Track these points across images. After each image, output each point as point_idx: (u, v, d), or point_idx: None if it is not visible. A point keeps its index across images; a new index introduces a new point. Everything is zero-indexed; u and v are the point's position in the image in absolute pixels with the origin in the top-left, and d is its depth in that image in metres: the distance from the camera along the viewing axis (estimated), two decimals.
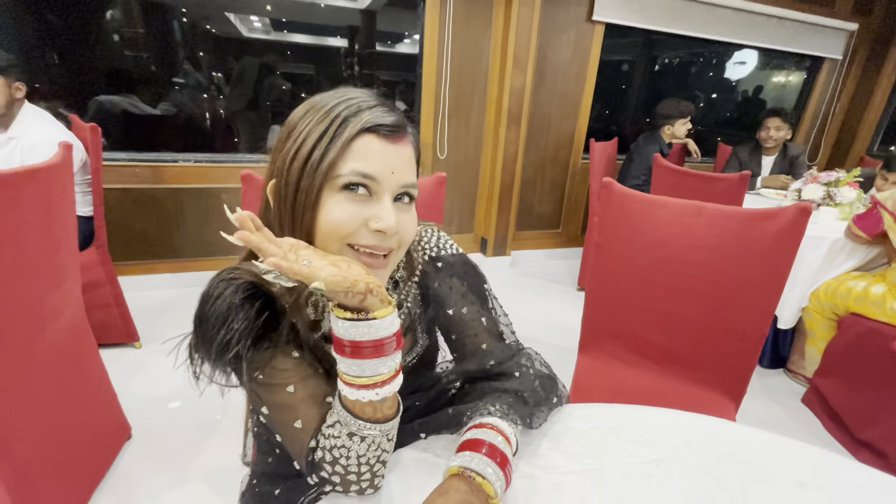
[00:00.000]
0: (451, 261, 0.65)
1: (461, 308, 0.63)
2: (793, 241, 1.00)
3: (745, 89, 4.06)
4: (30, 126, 1.57)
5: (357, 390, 0.46)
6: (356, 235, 0.48)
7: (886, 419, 1.54)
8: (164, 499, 1.28)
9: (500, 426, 0.52)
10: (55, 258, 1.11)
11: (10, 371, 0.99)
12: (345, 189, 0.48)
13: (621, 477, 0.56)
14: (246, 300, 0.49)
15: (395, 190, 0.49)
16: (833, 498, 0.55)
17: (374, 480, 0.49)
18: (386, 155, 0.48)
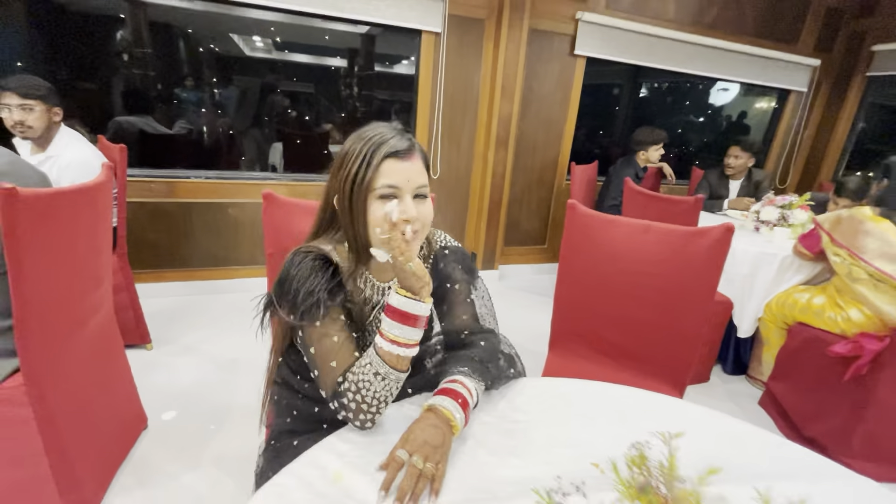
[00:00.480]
0: (455, 250, 0.90)
1: (455, 285, 0.84)
2: (720, 254, 1.20)
3: (722, 116, 4.36)
4: (66, 146, 1.76)
5: (392, 345, 0.66)
6: (398, 226, 0.70)
7: (827, 416, 1.73)
8: (180, 480, 1.43)
9: (465, 381, 0.71)
10: (97, 262, 1.29)
11: (58, 356, 1.16)
12: (381, 197, 0.70)
13: (559, 424, 0.74)
14: (321, 266, 0.71)
15: (413, 191, 0.72)
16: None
17: (375, 417, 0.67)
18: (403, 170, 0.71)
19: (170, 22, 2.57)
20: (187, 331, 2.29)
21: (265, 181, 2.75)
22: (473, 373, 0.73)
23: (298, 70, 3.17)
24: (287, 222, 1.15)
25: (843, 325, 1.75)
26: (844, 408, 1.66)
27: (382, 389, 0.66)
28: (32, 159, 1.72)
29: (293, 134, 3.26)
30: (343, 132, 3.41)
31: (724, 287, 2.22)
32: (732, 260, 2.19)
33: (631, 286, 1.30)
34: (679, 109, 4.26)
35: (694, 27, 3.38)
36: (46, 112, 1.71)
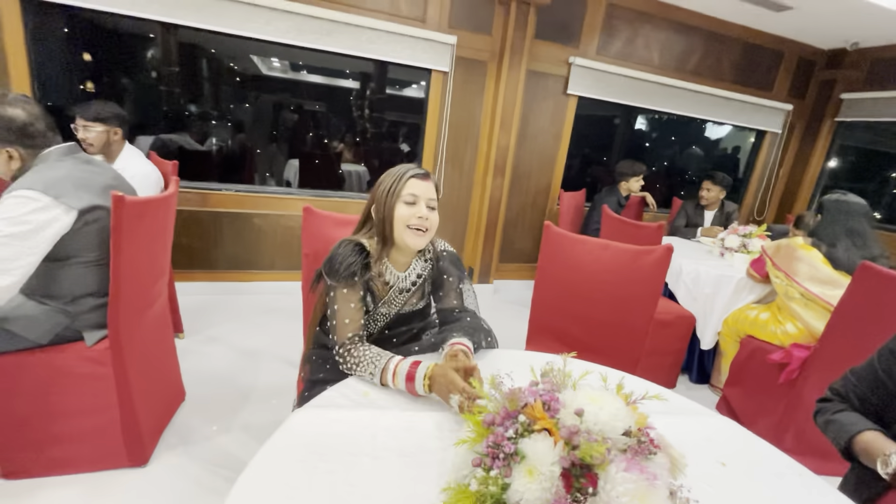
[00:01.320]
0: (451, 253, 1.22)
1: (449, 277, 1.16)
2: (662, 268, 1.51)
3: (704, 151, 4.73)
4: (129, 161, 2.10)
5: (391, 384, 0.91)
6: (412, 220, 1.03)
7: (765, 416, 2.01)
8: (215, 441, 1.71)
9: (463, 341, 1.02)
10: (165, 257, 1.61)
11: (134, 329, 1.46)
12: (405, 203, 1.03)
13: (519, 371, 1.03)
14: (358, 251, 1.04)
15: (427, 202, 1.05)
16: None
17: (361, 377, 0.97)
18: (422, 186, 1.06)
19: (196, 43, 2.94)
20: (213, 324, 2.59)
21: (286, 195, 3.08)
22: (466, 335, 1.05)
23: (315, 92, 3.55)
24: (320, 230, 1.47)
25: (781, 336, 2.04)
26: (780, 408, 1.94)
27: (367, 377, 0.95)
28: None
29: (309, 152, 3.62)
30: (354, 153, 3.78)
31: (689, 304, 2.53)
32: (698, 280, 2.51)
33: (592, 291, 1.61)
34: (665, 143, 4.64)
35: (677, 73, 3.77)
36: (105, 133, 2.03)
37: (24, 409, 1.37)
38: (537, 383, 0.65)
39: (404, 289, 1.12)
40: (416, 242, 1.06)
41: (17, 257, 1.17)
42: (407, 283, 1.12)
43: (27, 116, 1.29)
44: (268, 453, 0.69)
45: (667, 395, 1.03)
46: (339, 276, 1.00)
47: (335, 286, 1.01)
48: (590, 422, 0.54)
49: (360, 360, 0.94)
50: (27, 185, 1.20)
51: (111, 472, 1.50)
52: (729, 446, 0.86)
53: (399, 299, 1.12)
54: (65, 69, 2.69)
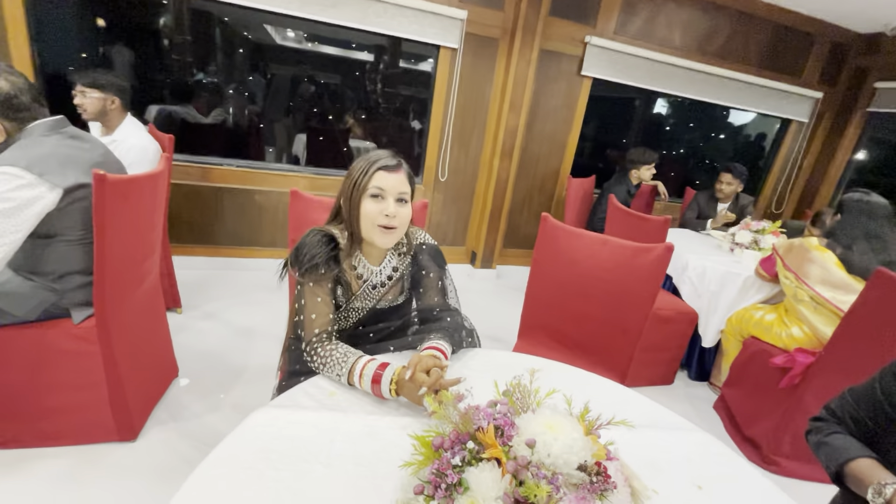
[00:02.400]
0: (431, 247, 1.15)
1: (429, 273, 1.11)
2: (661, 267, 1.44)
3: (723, 140, 4.53)
4: (129, 132, 2.07)
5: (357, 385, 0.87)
6: (378, 219, 0.97)
7: (763, 419, 1.96)
8: (204, 419, 1.73)
9: (439, 344, 0.97)
10: (153, 235, 1.60)
11: (121, 307, 1.46)
12: (371, 196, 0.97)
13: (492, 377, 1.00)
14: (326, 241, 0.99)
15: (395, 195, 0.99)
16: None
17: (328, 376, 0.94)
18: (389, 179, 0.98)
19: (206, 10, 2.85)
20: (211, 300, 2.61)
21: (289, 173, 3.05)
22: (444, 337, 1.00)
23: (326, 64, 3.44)
24: (308, 214, 1.43)
25: (785, 340, 1.97)
26: (778, 413, 1.89)
27: (333, 377, 0.91)
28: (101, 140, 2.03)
29: (317, 128, 3.56)
30: (363, 129, 3.70)
31: (693, 300, 2.46)
32: (703, 276, 2.42)
33: (588, 288, 1.56)
34: (683, 128, 4.45)
35: (699, 55, 3.58)
36: (101, 100, 1.99)
37: (13, 382, 1.39)
38: (496, 403, 0.61)
39: (379, 283, 1.08)
40: (384, 241, 1.00)
41: (1, 234, 1.16)
42: (382, 276, 1.08)
43: (11, 88, 1.25)
44: (218, 457, 0.67)
45: (647, 406, 0.99)
46: (304, 268, 0.96)
47: (301, 279, 0.98)
48: (542, 453, 0.50)
49: (326, 359, 0.91)
50: (10, 161, 1.18)
51: (100, 446, 1.53)
52: (708, 467, 0.82)
53: (373, 294, 1.08)
54: (66, 35, 2.64)
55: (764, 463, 1.90)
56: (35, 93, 1.30)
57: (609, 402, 0.97)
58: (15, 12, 2.31)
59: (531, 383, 0.67)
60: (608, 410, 0.75)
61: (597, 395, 0.98)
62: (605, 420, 0.60)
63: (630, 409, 0.96)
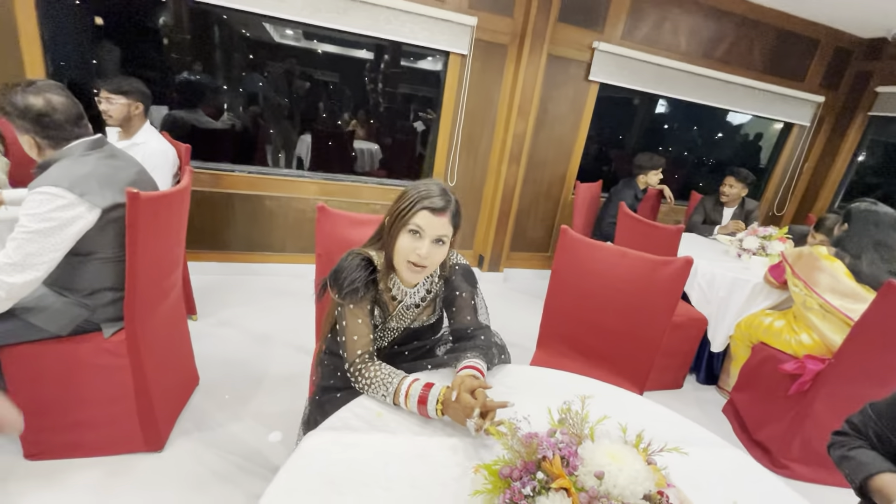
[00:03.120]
0: (463, 267, 1.18)
1: (462, 293, 1.13)
2: (680, 281, 1.48)
3: (727, 143, 4.58)
4: (149, 137, 2.08)
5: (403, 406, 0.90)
6: (409, 255, 0.98)
7: (772, 424, 2.00)
8: (227, 427, 1.76)
9: (478, 363, 1.00)
10: (179, 249, 1.62)
11: (149, 321, 1.48)
12: (409, 231, 0.98)
13: (533, 394, 1.03)
14: (365, 265, 1.01)
15: (433, 237, 0.99)
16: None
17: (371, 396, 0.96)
18: (432, 221, 0.98)
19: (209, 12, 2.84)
20: (226, 306, 2.63)
21: (298, 178, 3.06)
22: (479, 356, 1.04)
23: (329, 63, 3.43)
24: (334, 230, 1.45)
25: (794, 346, 2.01)
26: (788, 418, 1.94)
27: (379, 398, 0.93)
28: (120, 144, 2.04)
29: (322, 129, 3.56)
30: (367, 130, 3.72)
31: (702, 306, 2.50)
32: (713, 282, 2.47)
33: (607, 300, 1.59)
34: (684, 130, 4.49)
35: (704, 60, 3.61)
36: (126, 106, 2.02)
37: (45, 395, 1.41)
38: (555, 432, 0.64)
39: (413, 304, 1.11)
40: (410, 277, 1.02)
41: (41, 253, 1.19)
42: (416, 298, 1.11)
43: (44, 106, 1.26)
44: (282, 481, 0.70)
45: (676, 421, 1.03)
46: (343, 293, 0.98)
47: (341, 301, 1.00)
48: (609, 484, 0.53)
49: (371, 380, 0.94)
50: (52, 181, 1.20)
51: (129, 456, 1.55)
52: (743, 484, 0.86)
53: (408, 315, 1.11)
54: (78, 44, 2.64)
55: (774, 466, 1.95)
56: (72, 113, 1.31)
57: (642, 420, 1.00)
58: (28, 23, 2.31)
59: (583, 409, 0.70)
60: (643, 429, 0.78)
61: (628, 413, 1.01)
62: (658, 447, 0.63)
63: (660, 425, 1.00)
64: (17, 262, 1.16)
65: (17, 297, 1.22)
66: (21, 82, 1.28)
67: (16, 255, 1.16)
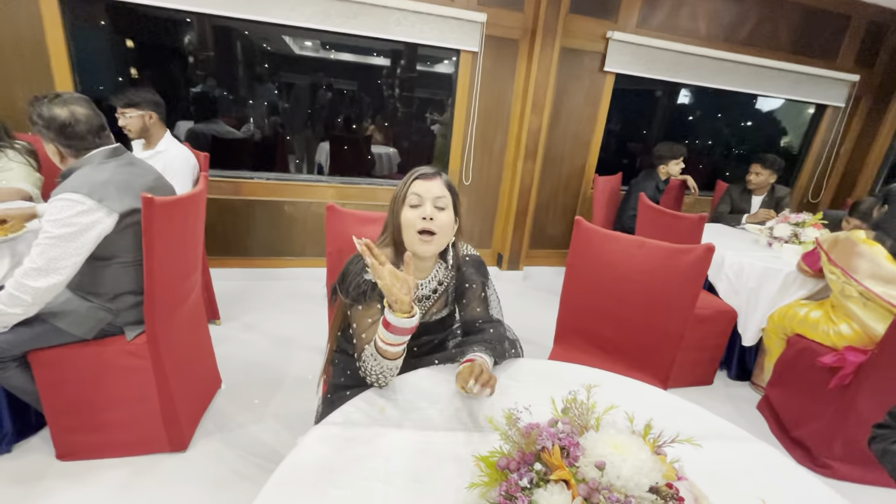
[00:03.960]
0: (474, 258, 1.17)
1: (472, 285, 1.11)
2: (701, 269, 1.41)
3: (754, 129, 4.38)
4: (170, 145, 2.15)
5: (381, 343, 0.88)
6: (417, 224, 0.99)
7: (811, 421, 1.89)
8: (249, 429, 1.78)
9: (482, 356, 0.98)
10: (196, 252, 1.65)
11: (169, 323, 1.52)
12: (410, 206, 1.00)
13: (540, 388, 1.00)
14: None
15: (433, 201, 1.00)
16: None
17: (380, 383, 0.94)
18: (425, 186, 1.01)
19: (229, 26, 2.93)
20: (249, 310, 2.68)
21: (317, 183, 3.10)
22: (486, 351, 1.01)
23: (346, 71, 3.48)
24: (344, 229, 1.46)
25: (833, 338, 1.89)
26: (828, 414, 1.82)
27: (378, 369, 0.91)
28: (143, 154, 2.12)
29: (340, 135, 3.61)
30: (385, 134, 3.74)
31: (731, 298, 2.39)
32: (741, 273, 2.35)
33: (625, 292, 1.53)
34: (708, 119, 4.33)
35: (727, 44, 3.48)
36: (140, 118, 2.06)
37: (74, 397, 1.46)
38: (556, 422, 0.61)
39: (424, 296, 1.09)
40: (424, 249, 1.01)
41: (63, 257, 1.24)
42: (427, 290, 1.09)
43: (68, 117, 1.32)
44: (282, 474, 0.69)
45: (699, 415, 0.97)
46: (351, 296, 0.99)
47: (350, 303, 1.00)
48: (611, 476, 0.50)
49: (365, 364, 0.94)
50: (73, 188, 1.25)
51: (154, 457, 1.59)
52: (769, 478, 0.80)
53: (420, 308, 1.09)
54: (104, 61, 2.76)
55: (815, 466, 1.84)
56: (95, 125, 1.37)
57: (659, 412, 0.95)
58: (57, 43, 2.43)
59: (588, 398, 0.66)
60: (659, 422, 0.74)
61: (645, 406, 0.97)
62: (668, 437, 0.60)
63: (682, 419, 0.95)
64: (41, 266, 1.21)
65: (42, 302, 1.27)
66: (48, 94, 1.34)
67: (40, 259, 1.21)
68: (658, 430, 0.62)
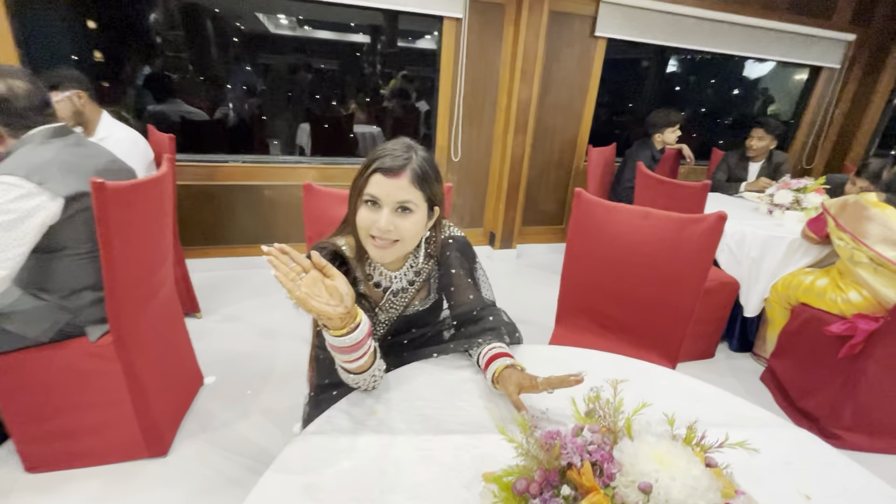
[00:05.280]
0: (457, 239, 1.01)
1: (459, 270, 0.98)
2: (713, 239, 1.31)
3: (748, 94, 4.27)
4: (113, 127, 1.93)
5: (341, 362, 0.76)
6: (370, 230, 0.82)
7: (819, 391, 1.84)
8: (234, 427, 1.67)
9: (502, 349, 0.88)
10: (164, 242, 1.51)
11: (137, 321, 1.38)
12: (365, 203, 0.82)
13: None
14: (330, 259, 0.86)
15: (393, 205, 0.81)
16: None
17: (364, 387, 0.82)
18: (386, 185, 0.80)
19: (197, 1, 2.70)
20: (231, 301, 2.54)
21: (297, 164, 2.93)
22: (496, 338, 0.91)
23: (324, 49, 3.28)
24: (323, 210, 1.33)
25: (842, 306, 1.83)
26: (837, 383, 1.77)
27: (352, 382, 0.79)
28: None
29: (320, 115, 3.42)
30: (367, 113, 3.55)
31: (733, 268, 2.31)
32: (742, 242, 2.27)
33: (630, 266, 1.43)
34: (703, 86, 4.20)
35: (722, 4, 3.32)
36: (67, 100, 1.78)
37: (34, 405, 1.33)
38: (581, 429, 0.50)
39: (400, 290, 0.96)
40: (379, 255, 0.84)
41: (4, 249, 1.09)
42: (403, 282, 0.96)
43: (5, 91, 1.17)
44: (259, 497, 0.58)
45: (726, 400, 0.88)
46: None
47: None
48: (659, 499, 0.40)
49: (342, 373, 0.81)
50: (8, 170, 1.10)
51: (132, 464, 1.48)
52: (811, 471, 0.71)
53: (398, 302, 0.96)
54: (54, 39, 2.52)
55: (823, 436, 1.77)
56: (37, 100, 1.21)
57: (676, 398, 0.86)
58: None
59: (615, 396, 0.56)
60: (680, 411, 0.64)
61: (660, 391, 0.87)
62: (716, 440, 0.50)
63: (706, 406, 0.86)
64: None
65: None
66: None
67: None
68: (702, 432, 0.51)
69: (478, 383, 0.88)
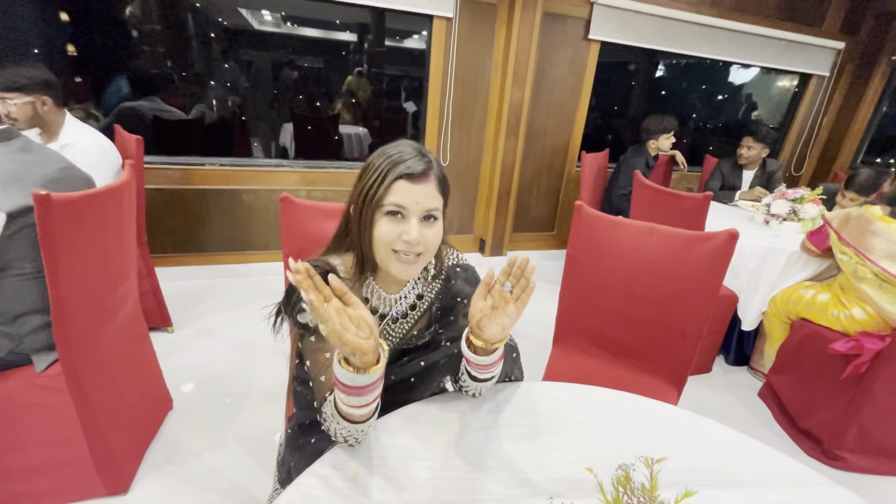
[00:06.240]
0: (466, 268, 0.92)
1: (464, 299, 0.87)
2: (723, 259, 1.23)
3: (740, 100, 4.26)
4: (77, 131, 1.75)
5: (346, 407, 0.63)
6: (394, 244, 0.73)
7: (821, 410, 1.78)
8: (205, 458, 1.53)
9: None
10: (124, 257, 1.36)
11: (92, 347, 1.24)
12: (387, 214, 0.73)
13: (558, 431, 0.79)
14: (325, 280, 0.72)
15: (421, 213, 0.73)
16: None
17: (350, 442, 0.70)
18: (414, 192, 0.72)
19: None
20: (207, 314, 2.39)
21: (277, 168, 2.79)
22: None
23: (309, 48, 3.14)
24: (302, 224, 1.20)
25: (845, 322, 1.77)
26: (841, 403, 1.71)
27: (344, 432, 0.67)
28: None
29: (304, 117, 3.27)
30: (353, 113, 3.42)
31: (730, 280, 2.25)
32: (740, 255, 2.21)
33: (634, 286, 1.34)
34: (696, 91, 4.17)
35: (714, 9, 3.28)
36: (30, 105, 1.60)
37: None
38: None
39: (400, 315, 0.86)
40: (404, 272, 0.76)
41: None
42: (404, 306, 0.85)
43: None
44: None
45: (754, 450, 0.79)
46: (298, 323, 0.74)
47: (301, 331, 0.75)
48: None
49: (330, 422, 0.69)
50: None
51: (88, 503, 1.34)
52: None
53: (395, 331, 0.86)
54: (22, 30, 2.33)
55: (826, 458, 1.73)
56: None
57: (708, 452, 0.76)
58: None
59: (651, 479, 0.45)
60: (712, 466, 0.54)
61: (689, 446, 0.77)
62: None
63: (737, 459, 0.76)
64: None
65: None
66: None
67: None
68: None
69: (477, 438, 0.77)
